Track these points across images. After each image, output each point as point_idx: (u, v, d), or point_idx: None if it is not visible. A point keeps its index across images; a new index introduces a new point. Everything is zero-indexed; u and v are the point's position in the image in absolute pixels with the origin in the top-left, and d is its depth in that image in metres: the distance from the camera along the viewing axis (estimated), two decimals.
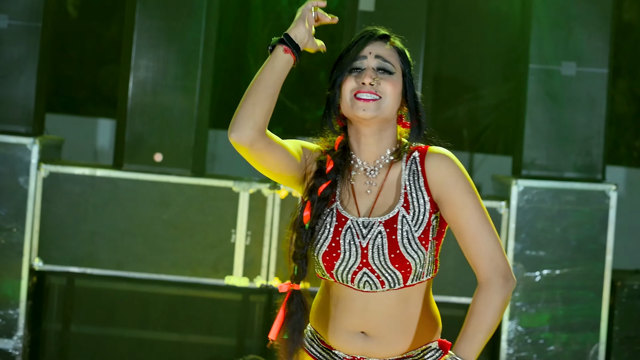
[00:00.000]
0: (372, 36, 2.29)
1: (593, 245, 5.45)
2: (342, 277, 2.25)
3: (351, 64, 2.25)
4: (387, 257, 2.21)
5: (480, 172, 8.35)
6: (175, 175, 5.42)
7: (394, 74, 2.27)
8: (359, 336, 2.26)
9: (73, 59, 9.80)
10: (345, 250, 2.22)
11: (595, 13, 5.49)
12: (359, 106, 2.22)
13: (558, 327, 5.43)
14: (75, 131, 7.34)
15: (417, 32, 5.48)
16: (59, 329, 5.52)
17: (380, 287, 2.23)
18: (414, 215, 2.23)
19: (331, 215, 2.26)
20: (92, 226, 5.40)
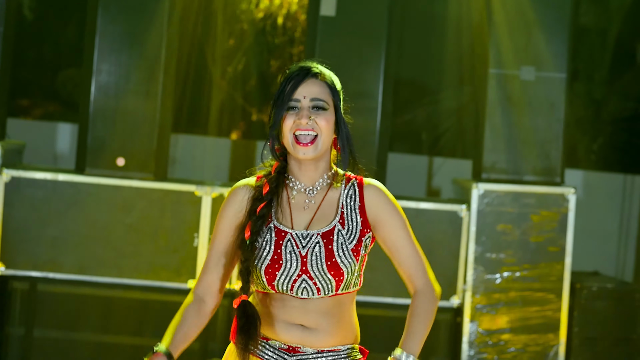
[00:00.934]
0: (303, 76, 2.52)
1: (552, 248, 5.51)
2: (283, 286, 2.52)
3: (288, 103, 2.51)
4: (324, 264, 2.48)
5: (439, 176, 8.39)
6: (137, 179, 5.41)
7: (327, 109, 2.53)
8: (298, 328, 2.54)
9: (30, 62, 9.69)
10: (286, 259, 2.50)
11: (554, 18, 5.55)
12: (299, 150, 2.50)
13: (518, 328, 5.48)
14: (34, 135, 7.29)
15: (378, 37, 5.50)
16: (22, 333, 5.49)
17: (316, 294, 2.51)
18: (348, 230, 2.52)
19: (270, 233, 2.53)
20: (54, 231, 5.38)
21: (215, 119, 9.21)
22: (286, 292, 2.52)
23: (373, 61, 5.51)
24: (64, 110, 9.33)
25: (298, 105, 2.51)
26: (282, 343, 2.55)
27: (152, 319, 5.52)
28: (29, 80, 9.69)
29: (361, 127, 5.52)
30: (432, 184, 8.44)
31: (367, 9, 5.51)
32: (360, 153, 5.73)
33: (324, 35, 5.49)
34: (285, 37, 9.20)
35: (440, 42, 9.15)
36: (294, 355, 2.55)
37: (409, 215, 5.37)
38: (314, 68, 2.56)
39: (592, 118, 9.33)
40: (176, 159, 8.19)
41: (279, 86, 2.53)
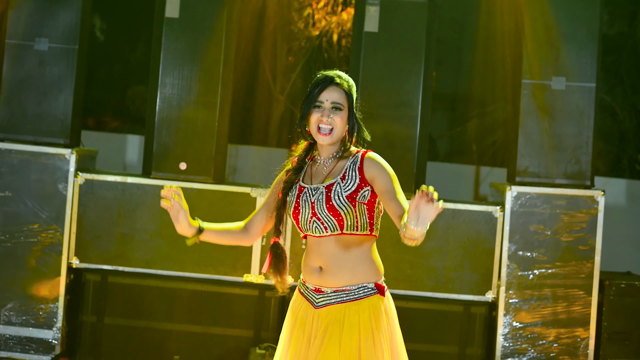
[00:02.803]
0: (327, 83, 3.34)
1: (582, 247, 5.68)
2: (304, 226, 3.35)
3: (314, 103, 3.35)
4: (324, 206, 3.30)
5: (485, 185, 8.62)
6: (198, 182, 5.68)
7: (343, 110, 3.36)
8: (317, 270, 3.36)
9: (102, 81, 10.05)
10: (302, 206, 3.36)
11: (583, 31, 5.73)
12: (320, 138, 3.36)
13: (550, 322, 5.66)
14: (106, 146, 7.56)
15: (417, 51, 5.74)
16: (94, 321, 5.73)
17: (324, 232, 3.32)
18: (346, 183, 3.31)
19: (295, 189, 3.39)
20: (123, 228, 5.64)
21: (275, 131, 9.51)
22: (308, 231, 3.34)
23: (413, 73, 5.73)
24: (133, 124, 9.72)
25: (322, 106, 3.35)
26: (312, 285, 3.35)
27: (210, 308, 5.74)
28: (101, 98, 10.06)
29: (402, 134, 5.76)
30: (480, 192, 8.64)
31: (407, 25, 5.75)
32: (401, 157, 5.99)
33: (368, 50, 5.75)
34: (340, 53, 9.47)
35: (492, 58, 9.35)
36: (319, 294, 3.34)
37: (446, 216, 5.68)
38: (336, 78, 3.37)
39: (636, 128, 9.46)
40: (237, 168, 8.48)
41: (309, 87, 3.35)
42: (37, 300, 5.62)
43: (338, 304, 3.31)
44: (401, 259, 5.63)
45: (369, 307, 3.30)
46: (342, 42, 9.46)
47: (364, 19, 5.73)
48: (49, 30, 5.71)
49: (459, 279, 5.68)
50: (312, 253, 3.35)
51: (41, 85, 5.72)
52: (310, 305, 3.35)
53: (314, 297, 3.35)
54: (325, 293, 3.34)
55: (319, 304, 3.34)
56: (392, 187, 3.27)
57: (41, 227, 5.63)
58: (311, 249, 3.35)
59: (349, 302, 3.31)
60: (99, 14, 10.25)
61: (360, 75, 5.75)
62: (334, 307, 3.31)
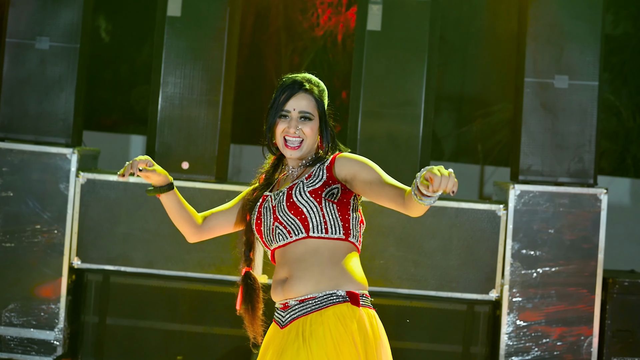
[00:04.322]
0: (295, 90, 2.92)
1: (586, 245, 5.68)
2: (268, 236, 2.92)
3: (280, 112, 2.93)
4: (285, 205, 2.87)
5: (490, 184, 8.62)
6: (200, 181, 5.69)
7: (312, 119, 2.95)
8: (282, 281, 2.88)
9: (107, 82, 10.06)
10: (264, 214, 2.93)
11: (586, 30, 5.73)
12: (287, 152, 2.96)
13: (553, 321, 5.65)
14: (109, 147, 7.57)
15: (420, 49, 5.74)
16: (96, 321, 5.73)
17: (288, 237, 2.88)
18: (309, 181, 2.90)
19: (258, 201, 2.98)
20: (125, 228, 5.65)
21: None
22: (272, 242, 2.90)
23: (416, 72, 5.72)
24: (137, 124, 9.72)
25: (289, 115, 2.93)
26: (279, 302, 2.88)
27: (213, 309, 5.74)
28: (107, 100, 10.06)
29: (405, 133, 5.76)
30: (484, 192, 8.64)
31: (410, 24, 5.75)
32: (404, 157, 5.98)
33: (371, 48, 5.74)
34: (345, 54, 9.48)
35: (498, 58, 9.36)
36: (285, 310, 2.86)
37: (450, 215, 5.69)
38: (305, 83, 2.95)
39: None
40: (241, 168, 8.49)
41: (275, 93, 2.95)
42: (39, 301, 5.63)
43: (303, 315, 2.81)
44: (405, 258, 5.63)
45: (334, 316, 2.77)
46: (346, 42, 9.46)
47: (367, 17, 5.73)
48: (50, 28, 5.71)
49: (462, 278, 5.68)
50: (278, 267, 2.89)
51: (42, 85, 5.72)
52: (277, 327, 2.87)
53: (281, 316, 2.86)
54: (291, 307, 2.84)
55: (284, 322, 2.85)
56: (378, 174, 2.82)
57: (42, 227, 5.64)
58: (277, 263, 2.90)
59: (312, 313, 2.80)
60: (104, 15, 10.26)
61: (363, 74, 5.74)
62: (299, 320, 2.81)
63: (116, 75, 10.26)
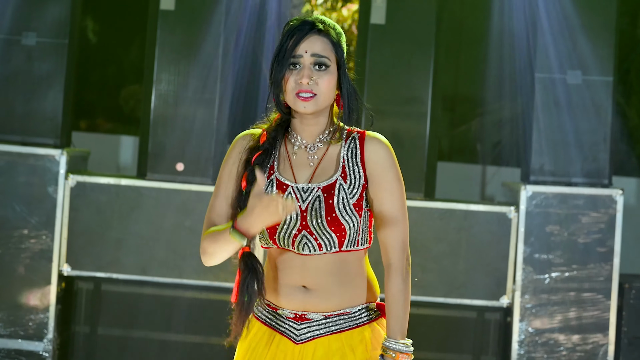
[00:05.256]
0: (307, 30, 2.43)
1: (601, 249, 5.55)
2: (284, 241, 2.45)
3: (289, 59, 2.42)
4: (324, 219, 2.42)
5: (493, 184, 8.46)
6: (196, 183, 5.56)
7: (329, 66, 2.43)
8: (300, 289, 2.47)
9: (94, 84, 9.94)
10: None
11: (599, 23, 5.59)
12: (300, 104, 2.42)
13: (567, 328, 5.52)
14: (98, 147, 7.48)
15: (427, 44, 5.59)
16: (87, 331, 5.63)
17: (317, 250, 2.45)
18: (350, 185, 2.45)
19: (271, 185, 2.47)
20: (117, 233, 5.53)
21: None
22: (288, 248, 2.45)
23: (422, 68, 5.60)
24: (127, 125, 9.57)
25: (299, 62, 2.42)
26: (289, 311, 2.48)
27: (210, 318, 5.62)
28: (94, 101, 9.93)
29: (411, 132, 5.62)
30: (486, 192, 8.51)
31: (415, 16, 5.61)
32: (410, 156, 5.87)
33: (374, 42, 5.60)
34: None
35: (494, 54, 9.23)
36: (302, 323, 2.48)
37: (458, 218, 5.53)
38: (317, 23, 2.44)
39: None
40: None
41: (281, 39, 2.44)
42: (27, 310, 5.50)
43: (333, 334, 2.48)
44: (411, 263, 5.48)
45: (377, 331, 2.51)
46: None
47: (370, 10, 5.61)
48: (37, 24, 5.57)
49: (471, 284, 5.56)
50: (289, 269, 2.46)
51: (29, 82, 5.58)
52: (288, 341, 2.49)
53: (294, 328, 2.49)
54: (313, 320, 2.49)
55: (301, 336, 2.48)
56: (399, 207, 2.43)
57: (30, 233, 5.50)
58: (286, 263, 2.47)
59: (350, 330, 2.49)
60: (91, 15, 10.13)
61: (366, 70, 5.62)
62: (328, 338, 2.48)
63: (104, 76, 10.12)
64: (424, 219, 5.52)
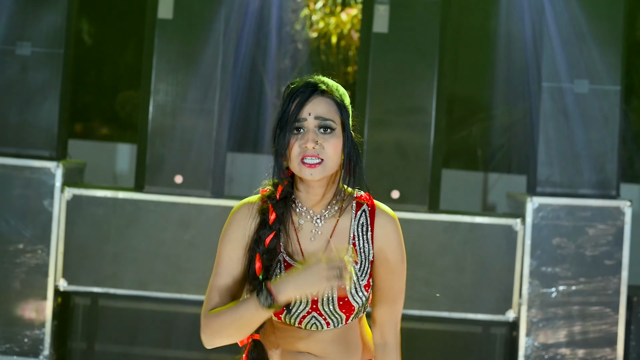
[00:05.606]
0: (310, 92, 2.34)
1: (609, 261, 5.48)
2: (290, 320, 2.39)
3: (293, 124, 2.32)
4: (335, 304, 2.37)
5: (494, 192, 8.39)
6: (195, 196, 5.49)
7: (335, 129, 2.35)
8: (307, 356, 2.41)
9: (89, 86, 9.88)
10: (296, 298, 2.30)
11: (607, 31, 5.53)
12: (306, 171, 2.32)
13: (575, 342, 5.46)
14: (94, 155, 7.43)
15: (430, 52, 5.53)
16: (84, 348, 5.58)
17: (325, 327, 2.39)
18: (360, 265, 2.38)
19: (280, 266, 2.37)
20: (115, 247, 5.47)
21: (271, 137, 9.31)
22: (294, 324, 2.39)
23: (426, 77, 5.54)
24: (123, 131, 9.49)
25: (304, 126, 2.32)
26: None
27: None
28: (89, 104, 9.88)
29: (415, 143, 5.55)
30: (488, 200, 8.44)
31: (419, 25, 5.55)
32: (414, 167, 5.78)
33: (377, 51, 5.53)
34: (339, 56, 9.29)
35: (493, 59, 9.17)
36: None
37: (463, 230, 5.44)
38: (320, 84, 2.35)
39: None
40: (233, 177, 8.28)
41: (283, 102, 2.35)
42: (22, 326, 5.43)
43: None
44: (415, 277, 5.41)
45: None
46: (340, 44, 9.28)
47: (373, 19, 5.52)
48: (32, 33, 5.50)
49: (477, 298, 5.48)
50: (292, 338, 2.39)
51: (24, 93, 5.51)
52: None
53: None
54: None
55: None
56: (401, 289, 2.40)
57: (25, 247, 5.43)
58: (291, 333, 2.39)
59: None
60: (86, 16, 10.07)
61: (369, 80, 5.55)
62: None
63: (99, 79, 10.05)
64: (428, 232, 5.44)
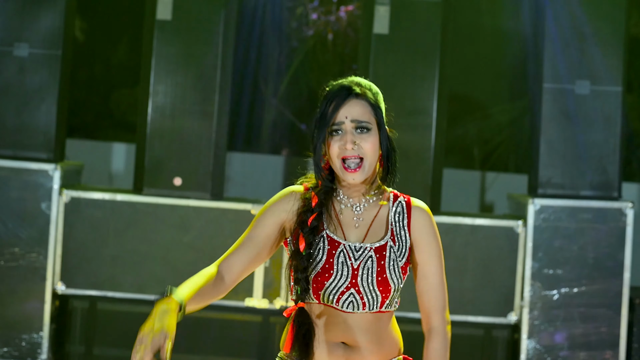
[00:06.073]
0: (345, 96, 2.53)
1: (610, 263, 5.47)
2: (329, 297, 2.53)
3: (330, 126, 2.52)
4: (374, 279, 2.52)
5: (492, 191, 8.37)
6: (194, 198, 5.48)
7: (371, 129, 2.53)
8: (340, 346, 2.55)
9: (82, 83, 9.86)
10: (337, 270, 2.52)
11: (608, 31, 5.52)
12: (349, 176, 2.53)
13: (577, 344, 5.45)
14: (89, 155, 7.40)
15: (431, 53, 5.52)
16: (82, 351, 5.57)
17: (361, 309, 2.53)
18: (398, 248, 2.56)
19: (323, 241, 2.55)
20: (113, 250, 5.45)
21: (267, 136, 9.29)
22: (331, 304, 2.53)
23: (427, 78, 5.53)
24: (118, 130, 9.46)
25: (341, 128, 2.51)
26: None
27: (210, 336, 5.57)
28: (82, 101, 9.84)
29: (416, 143, 5.54)
30: (486, 199, 8.42)
31: (420, 26, 5.54)
32: (415, 169, 5.76)
33: (378, 53, 5.52)
34: (334, 54, 9.28)
35: (490, 57, 9.15)
36: None
37: (464, 232, 5.43)
38: (355, 87, 2.54)
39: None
40: (230, 177, 8.26)
41: (320, 105, 2.54)
42: (20, 330, 5.41)
43: None
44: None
45: None
46: (337, 42, 9.26)
47: (373, 19, 5.51)
48: (30, 34, 5.47)
49: (478, 300, 5.48)
50: (330, 325, 2.55)
51: (21, 95, 5.49)
52: None
53: None
54: None
55: None
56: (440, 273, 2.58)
57: (22, 250, 5.40)
58: (328, 320, 2.55)
59: None
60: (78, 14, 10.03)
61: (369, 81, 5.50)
62: None
63: (91, 76, 10.01)
64: None
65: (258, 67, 9.20)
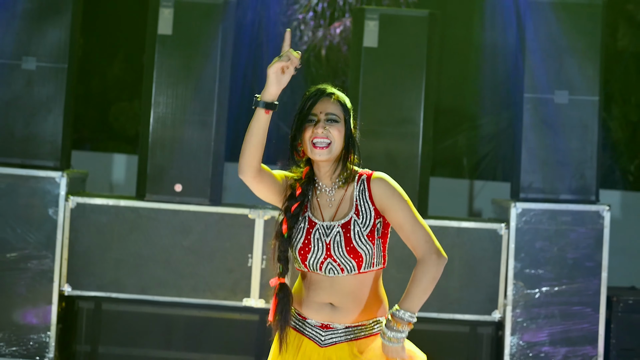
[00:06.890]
0: (320, 95, 3.09)
1: (589, 263, 5.64)
2: (313, 266, 3.07)
3: (307, 117, 3.06)
4: (344, 249, 3.04)
5: (480, 198, 8.53)
6: (194, 204, 5.61)
7: (339, 122, 3.08)
8: (327, 306, 3.09)
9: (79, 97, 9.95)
10: (314, 245, 3.07)
11: (586, 44, 5.69)
12: (316, 152, 3.06)
13: (558, 341, 5.60)
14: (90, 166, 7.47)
15: (418, 66, 5.67)
16: (88, 350, 5.65)
17: (340, 273, 3.06)
18: (362, 219, 3.06)
19: (304, 221, 3.10)
20: (117, 253, 5.56)
21: None
22: (316, 271, 3.06)
23: (414, 89, 5.66)
24: (117, 142, 9.57)
25: (315, 119, 3.06)
26: (316, 321, 3.09)
27: (209, 335, 5.66)
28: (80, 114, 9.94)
29: (404, 151, 5.69)
30: (474, 206, 8.57)
31: (407, 40, 5.69)
32: (403, 175, 5.94)
33: (367, 65, 5.67)
34: (329, 68, 9.40)
35: (479, 71, 9.30)
36: (326, 330, 3.09)
37: (451, 235, 5.60)
38: (328, 89, 3.11)
39: (628, 140, 9.43)
40: (227, 186, 8.38)
41: (300, 104, 3.07)
42: (28, 330, 5.51)
43: (351, 340, 3.08)
44: (405, 280, 5.51)
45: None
46: (330, 56, 9.39)
47: (363, 34, 5.65)
48: (37, 48, 5.61)
49: (464, 299, 5.63)
50: (319, 289, 3.08)
51: (29, 106, 5.62)
52: (314, 344, 3.10)
53: (319, 335, 3.10)
54: (335, 329, 3.09)
55: (326, 341, 3.09)
56: (410, 217, 3.01)
57: (31, 254, 5.53)
58: (317, 284, 3.08)
59: (364, 339, 3.07)
60: None
61: (359, 92, 5.68)
62: (347, 344, 3.08)
63: (88, 90, 10.14)
64: None
65: (254, 80, 9.33)
